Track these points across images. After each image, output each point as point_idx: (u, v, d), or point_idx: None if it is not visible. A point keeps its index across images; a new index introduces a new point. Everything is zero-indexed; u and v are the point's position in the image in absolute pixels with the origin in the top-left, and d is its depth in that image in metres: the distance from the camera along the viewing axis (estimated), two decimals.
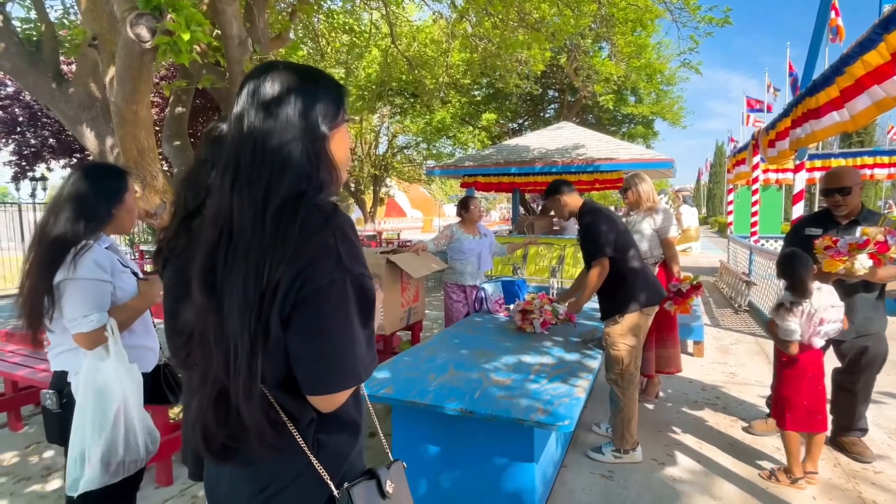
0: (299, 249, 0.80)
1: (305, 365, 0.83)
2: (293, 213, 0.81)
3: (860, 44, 3.29)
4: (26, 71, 3.35)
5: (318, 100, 0.90)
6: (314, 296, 0.80)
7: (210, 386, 0.86)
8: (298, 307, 0.81)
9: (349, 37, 8.12)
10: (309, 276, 0.80)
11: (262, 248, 0.80)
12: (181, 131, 4.53)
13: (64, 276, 1.58)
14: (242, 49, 3.67)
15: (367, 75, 11.51)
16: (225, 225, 0.83)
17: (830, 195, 2.76)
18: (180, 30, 2.43)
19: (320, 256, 0.81)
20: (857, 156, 10.28)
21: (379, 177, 20.93)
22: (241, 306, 0.80)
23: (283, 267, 0.79)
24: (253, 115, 0.86)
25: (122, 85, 2.68)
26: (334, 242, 0.82)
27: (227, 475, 0.94)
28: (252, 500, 0.89)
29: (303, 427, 0.88)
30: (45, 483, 2.78)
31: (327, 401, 0.86)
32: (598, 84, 8.14)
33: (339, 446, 0.92)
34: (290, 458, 0.88)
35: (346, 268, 0.82)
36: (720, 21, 6.01)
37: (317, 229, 0.81)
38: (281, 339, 0.83)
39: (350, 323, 0.84)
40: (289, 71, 0.90)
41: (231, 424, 0.86)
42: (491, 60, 7.72)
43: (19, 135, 10.24)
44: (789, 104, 5.77)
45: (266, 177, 0.83)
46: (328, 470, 0.89)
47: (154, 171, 3.15)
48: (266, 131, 0.85)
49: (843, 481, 2.66)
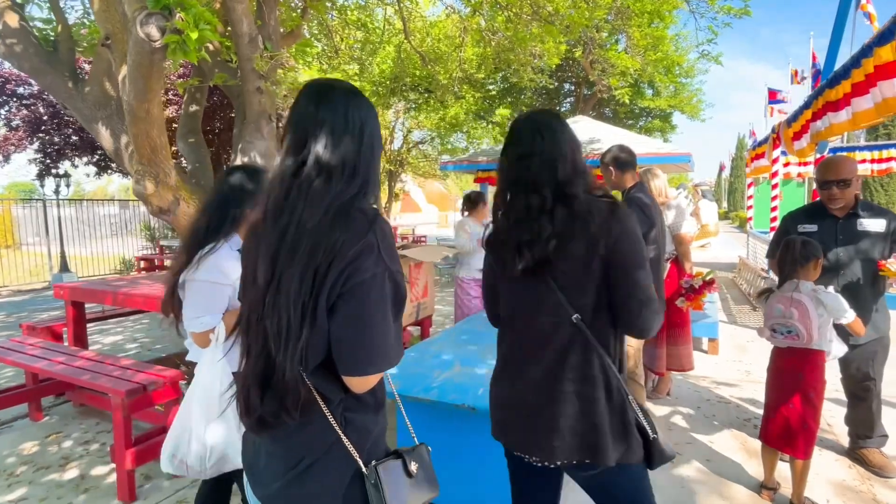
0: (347, 246, 0.91)
1: (346, 348, 0.94)
2: (346, 214, 0.93)
3: (879, 36, 3.17)
4: (44, 71, 3.43)
5: (371, 115, 1.03)
6: (358, 287, 0.91)
7: (256, 362, 0.98)
8: (343, 297, 0.92)
9: (362, 33, 8.13)
10: (354, 270, 0.91)
11: (318, 241, 0.91)
12: (195, 129, 4.60)
13: (186, 276, 1.66)
14: (253, 46, 3.71)
15: (381, 71, 11.51)
16: (293, 218, 0.94)
17: (827, 187, 2.54)
18: (189, 28, 2.46)
19: (364, 253, 0.91)
20: (884, 148, 9.96)
21: (394, 172, 20.96)
22: (296, 288, 0.91)
23: (333, 260, 0.90)
24: (322, 124, 0.97)
25: (133, 83, 2.73)
26: (376, 242, 0.93)
27: (265, 452, 1.04)
28: (287, 474, 0.98)
29: (333, 406, 0.98)
30: (62, 472, 2.86)
31: (362, 381, 0.96)
32: (613, 78, 8.01)
33: (365, 423, 1.02)
34: (321, 433, 0.97)
35: (385, 265, 0.94)
36: (739, 11, 5.86)
37: (362, 230, 0.93)
38: (324, 325, 0.93)
39: (386, 314, 0.95)
40: (344, 87, 1.03)
41: (270, 401, 0.96)
42: (504, 55, 7.65)
43: (43, 133, 10.50)
44: (810, 96, 5.62)
45: (335, 182, 0.95)
46: (355, 445, 0.98)
47: (167, 168, 3.20)
48: (335, 142, 0.97)
49: (858, 483, 2.60)
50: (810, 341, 2.29)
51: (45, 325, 3.96)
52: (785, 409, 2.40)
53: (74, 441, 3.23)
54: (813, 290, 2.32)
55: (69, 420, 3.57)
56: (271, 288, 0.94)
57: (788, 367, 2.42)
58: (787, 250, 2.41)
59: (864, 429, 2.77)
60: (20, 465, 2.95)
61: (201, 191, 3.97)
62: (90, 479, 2.78)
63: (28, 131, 10.46)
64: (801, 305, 2.29)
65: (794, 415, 2.37)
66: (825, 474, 2.69)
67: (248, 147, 4.00)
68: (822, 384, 2.38)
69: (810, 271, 2.36)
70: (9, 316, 7.55)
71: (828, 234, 2.60)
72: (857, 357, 2.65)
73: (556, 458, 1.29)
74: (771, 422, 2.46)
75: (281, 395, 0.94)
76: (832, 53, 5.66)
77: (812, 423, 2.36)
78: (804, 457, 2.36)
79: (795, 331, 2.30)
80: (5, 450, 3.13)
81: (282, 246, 0.94)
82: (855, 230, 2.56)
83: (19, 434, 3.35)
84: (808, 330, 2.27)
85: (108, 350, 5.41)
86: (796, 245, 2.37)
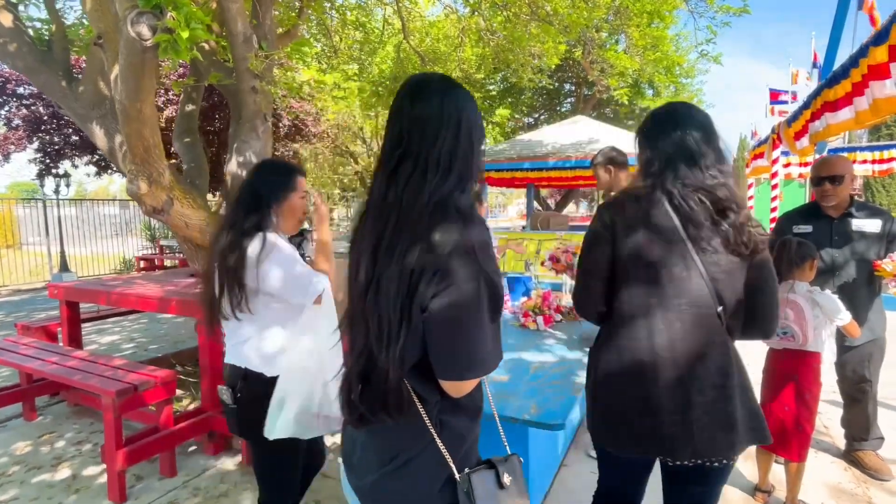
0: (441, 246, 0.89)
1: (439, 352, 0.93)
2: (442, 212, 0.92)
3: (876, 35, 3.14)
4: (38, 70, 3.43)
5: (469, 108, 1.01)
6: (451, 290, 0.89)
7: (358, 359, 0.98)
8: (437, 298, 0.90)
9: (361, 33, 8.12)
10: (448, 271, 0.89)
11: (414, 240, 0.90)
12: (192, 128, 4.60)
13: (259, 269, 1.61)
14: (247, 46, 3.70)
15: (381, 71, 11.50)
16: (391, 217, 0.94)
17: (820, 183, 2.54)
18: (180, 28, 2.45)
19: (459, 254, 0.89)
20: (886, 149, 9.90)
21: None
22: (394, 288, 0.91)
23: (427, 260, 0.89)
24: (417, 119, 0.97)
25: (125, 83, 2.72)
26: (472, 243, 0.90)
27: (361, 445, 1.06)
28: (381, 469, 1.00)
29: (429, 407, 0.98)
30: (54, 472, 2.85)
31: (457, 386, 0.96)
32: (612, 78, 7.99)
33: (459, 428, 1.01)
34: (416, 433, 0.98)
35: (480, 266, 0.91)
36: (738, 10, 5.83)
37: (457, 229, 0.90)
38: (419, 326, 0.92)
39: (481, 317, 0.92)
40: (440, 80, 1.02)
41: (370, 398, 0.96)
42: (504, 55, 7.63)
43: (43, 133, 10.50)
44: (809, 96, 5.60)
45: (431, 178, 0.94)
46: (449, 449, 0.98)
47: (160, 167, 3.19)
48: (430, 137, 0.96)
49: (854, 486, 2.58)
50: (806, 343, 2.27)
51: (40, 324, 3.96)
52: (780, 412, 2.37)
53: (67, 441, 3.23)
54: (808, 291, 2.30)
55: (63, 420, 3.56)
56: (371, 286, 0.94)
57: (783, 368, 2.40)
58: (782, 251, 2.39)
59: (860, 431, 2.74)
60: (12, 465, 2.95)
61: (196, 191, 3.96)
62: (81, 480, 2.77)
63: (28, 131, 10.47)
64: (796, 306, 2.27)
65: (789, 417, 2.35)
66: (820, 477, 2.67)
67: (244, 147, 3.99)
68: (817, 386, 2.36)
69: (806, 272, 2.34)
70: (7, 315, 7.56)
71: (822, 234, 2.58)
72: (853, 359, 2.62)
73: (697, 456, 1.31)
74: None
75: (381, 393, 0.94)
76: (831, 53, 5.63)
77: (807, 426, 2.33)
78: (799, 459, 2.34)
79: (791, 332, 2.28)
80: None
81: (381, 244, 0.94)
82: (850, 230, 2.54)
83: (12, 434, 3.35)
84: (803, 331, 2.25)
85: (105, 350, 5.41)
86: (792, 246, 2.35)
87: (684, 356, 1.30)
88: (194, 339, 5.61)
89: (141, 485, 2.73)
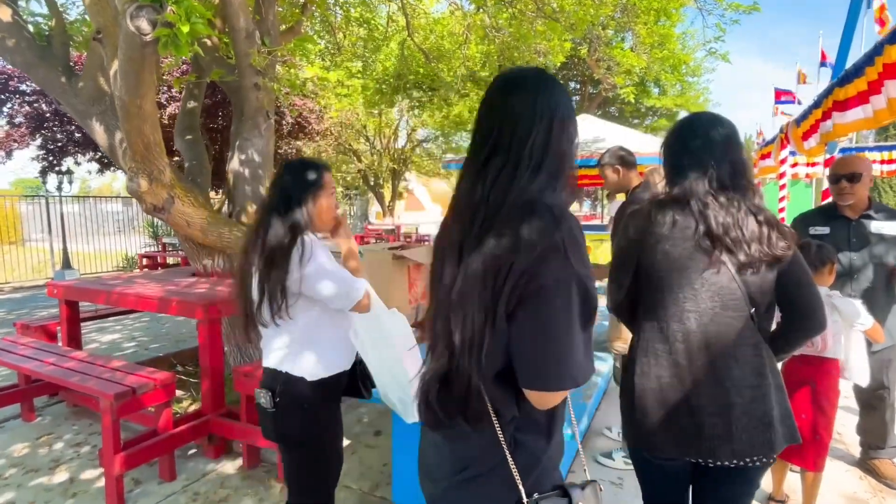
0: (529, 246, 0.83)
1: (525, 359, 0.87)
2: (531, 211, 0.86)
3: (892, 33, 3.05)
4: (36, 65, 3.37)
5: (563, 104, 0.96)
6: (539, 293, 0.84)
7: (439, 361, 0.94)
8: (523, 302, 0.85)
9: (365, 30, 8.05)
10: (536, 273, 0.83)
11: (501, 240, 0.85)
12: (193, 126, 4.54)
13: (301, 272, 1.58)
14: (250, 41, 3.64)
15: (385, 68, 11.44)
16: (478, 214, 0.90)
17: (837, 181, 2.47)
18: (180, 22, 2.38)
19: (548, 255, 0.83)
20: (893, 149, 9.78)
21: (398, 171, 20.90)
22: (479, 289, 0.86)
23: (514, 260, 0.84)
24: (508, 115, 0.93)
25: (125, 79, 2.66)
26: (562, 243, 0.84)
27: (435, 448, 1.04)
28: (452, 478, 0.98)
29: (504, 422, 0.92)
30: (51, 475, 2.80)
31: (542, 397, 0.89)
32: (618, 76, 7.91)
33: (535, 449, 0.95)
34: (488, 448, 0.92)
35: (572, 269, 0.85)
36: (747, 8, 5.75)
37: (548, 228, 0.84)
38: (503, 331, 0.87)
39: (572, 324, 0.86)
40: (533, 75, 0.98)
41: (448, 402, 0.93)
42: (509, 52, 7.56)
43: (46, 130, 10.48)
44: (820, 95, 5.51)
45: (520, 175, 0.90)
46: (521, 471, 0.92)
47: (161, 165, 3.14)
48: (522, 133, 0.91)
49: (870, 495, 2.51)
50: (825, 349, 2.20)
51: (39, 323, 3.91)
52: (796, 419, 2.30)
53: (66, 443, 3.18)
54: (828, 296, 2.22)
55: (62, 421, 3.51)
56: (456, 287, 0.90)
57: (800, 375, 2.33)
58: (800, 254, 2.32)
59: (877, 439, 2.67)
60: (9, 467, 2.90)
61: (198, 189, 3.91)
62: (79, 483, 2.72)
63: (31, 128, 10.44)
64: None
65: (806, 425, 2.27)
66: (835, 486, 2.60)
67: (246, 144, 3.93)
68: (835, 394, 2.29)
69: (825, 276, 2.27)
70: (9, 313, 7.53)
71: (840, 236, 2.50)
72: (871, 365, 2.54)
73: (737, 457, 1.31)
74: None
75: (460, 399, 0.91)
76: (843, 52, 5.53)
77: (824, 434, 2.26)
78: (815, 469, 2.27)
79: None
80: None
81: (466, 242, 0.90)
82: (868, 232, 2.46)
83: (10, 435, 3.30)
84: (822, 337, 2.18)
85: (105, 349, 5.36)
86: (811, 249, 2.28)
87: (721, 358, 1.32)
88: (196, 338, 5.57)
89: (139, 489, 2.68)
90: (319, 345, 1.68)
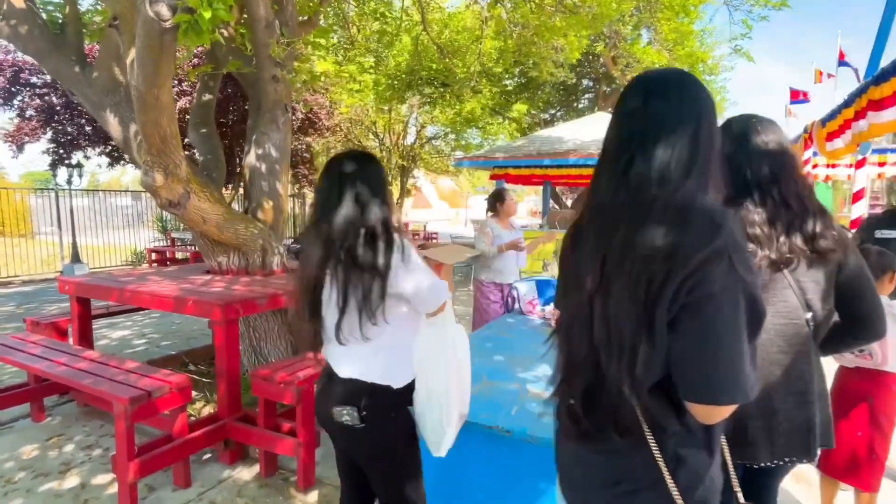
0: (690, 252, 0.79)
1: (691, 370, 0.82)
2: (685, 215, 0.82)
3: None
4: (49, 54, 3.26)
5: (708, 104, 0.93)
6: (705, 301, 0.80)
7: (579, 373, 0.92)
8: (688, 310, 0.81)
9: (380, 23, 7.91)
10: (701, 280, 0.79)
11: (654, 245, 0.81)
12: (208, 119, 4.43)
13: (402, 261, 1.47)
14: (269, 31, 3.52)
15: (397, 64, 11.30)
16: (621, 219, 0.86)
17: None
18: (202, 7, 2.26)
19: (712, 261, 0.79)
20: None
21: (406, 167, 20.77)
22: (629, 296, 0.82)
23: (672, 267, 0.79)
24: (651, 117, 0.90)
25: (142, 67, 2.54)
26: (726, 248, 0.80)
27: (577, 460, 1.00)
28: (606, 491, 0.93)
29: (664, 437, 0.88)
30: (62, 480, 2.70)
31: (709, 410, 0.83)
32: (638, 73, 7.72)
33: (698, 465, 0.90)
34: (646, 464, 0.88)
35: (738, 275, 0.80)
36: (777, 3, 5.56)
37: (708, 233, 0.80)
38: (662, 341, 0.83)
39: (740, 334, 0.81)
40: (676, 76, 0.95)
41: (597, 415, 0.90)
42: (526, 47, 7.40)
43: (56, 123, 10.42)
44: (852, 94, 5.32)
45: (667, 179, 0.86)
46: (683, 490, 0.87)
47: (177, 159, 3.02)
48: (667, 135, 0.88)
49: None
50: (885, 362, 2.06)
51: (50, 320, 3.81)
52: (851, 436, 2.16)
53: (76, 445, 3.08)
54: (888, 305, 2.07)
55: (72, 421, 3.41)
56: (599, 294, 0.88)
57: (856, 389, 2.18)
58: None
59: None
60: (19, 470, 2.80)
61: (213, 184, 3.79)
62: (90, 489, 2.62)
63: (41, 121, 10.38)
64: None
65: (862, 443, 2.13)
66: None
67: (263, 139, 3.81)
68: (893, 410, 2.14)
69: (885, 284, 2.12)
70: (19, 307, 7.47)
71: None
72: None
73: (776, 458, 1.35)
74: (833, 450, 2.23)
75: (611, 411, 0.88)
76: (878, 51, 5.34)
77: (881, 453, 2.12)
78: (871, 489, 2.13)
79: (869, 350, 2.07)
80: (4, 453, 2.98)
81: (611, 249, 0.87)
82: None
83: (20, 436, 3.20)
84: (883, 350, 2.04)
85: (116, 346, 5.28)
86: (870, 255, 2.13)
87: (770, 364, 1.34)
88: (207, 335, 5.47)
89: (153, 496, 2.57)
90: (403, 349, 1.55)
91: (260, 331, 3.80)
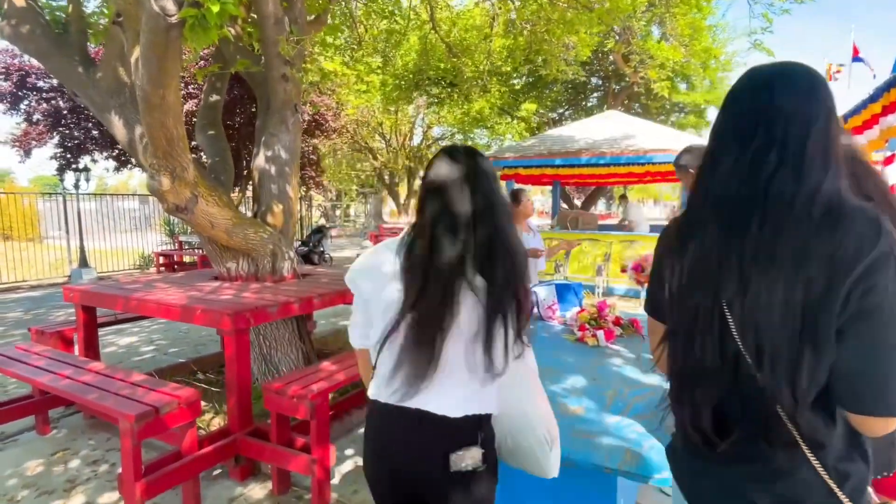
0: (852, 255, 0.76)
1: (861, 381, 0.79)
2: (838, 213, 0.78)
3: None
4: (52, 54, 3.15)
5: (831, 98, 0.87)
6: (878, 309, 0.76)
7: (713, 385, 0.88)
8: (856, 319, 0.77)
9: (388, 22, 7.78)
10: (870, 286, 0.76)
11: (807, 246, 0.77)
12: (216, 121, 4.31)
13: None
14: (279, 28, 3.39)
15: (405, 64, 11.17)
16: (756, 214, 0.81)
17: None
18: (209, 1, 2.14)
19: (880, 265, 0.75)
20: None
21: (413, 168, 20.68)
22: (780, 300, 0.78)
23: (834, 272, 0.76)
24: (779, 111, 0.85)
25: (147, 66, 2.42)
26: (890, 251, 0.76)
27: (721, 486, 0.94)
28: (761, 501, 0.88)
29: (823, 452, 0.84)
30: (67, 498, 2.58)
31: (880, 423, 0.80)
32: (652, 69, 7.54)
33: (861, 479, 0.87)
34: (810, 482, 0.84)
35: None
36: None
37: (869, 234, 0.76)
38: (830, 349, 0.79)
39: None
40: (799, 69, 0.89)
41: (742, 431, 0.87)
42: (537, 45, 7.25)
43: (63, 127, 10.38)
44: (879, 88, 5.15)
45: (807, 174, 0.81)
46: None
47: (184, 161, 2.90)
48: (798, 129, 0.83)
49: None
50: None
51: (55, 329, 3.70)
52: None
53: (82, 460, 2.96)
54: None
55: (78, 434, 3.30)
56: (737, 298, 0.83)
57: None
58: None
59: None
60: (22, 488, 2.68)
61: (222, 188, 3.67)
62: None
63: (48, 125, 10.35)
64: None
65: None
66: None
67: (272, 140, 3.69)
68: None
69: None
70: (26, 313, 7.39)
71: None
72: None
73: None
74: None
75: (762, 426, 0.84)
76: None
77: None
78: None
79: None
80: (7, 469, 2.86)
81: (749, 248, 0.82)
82: None
83: (24, 450, 3.09)
84: None
85: (123, 353, 5.17)
86: None
87: None
88: (216, 341, 5.35)
89: None
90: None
91: (270, 339, 3.68)
